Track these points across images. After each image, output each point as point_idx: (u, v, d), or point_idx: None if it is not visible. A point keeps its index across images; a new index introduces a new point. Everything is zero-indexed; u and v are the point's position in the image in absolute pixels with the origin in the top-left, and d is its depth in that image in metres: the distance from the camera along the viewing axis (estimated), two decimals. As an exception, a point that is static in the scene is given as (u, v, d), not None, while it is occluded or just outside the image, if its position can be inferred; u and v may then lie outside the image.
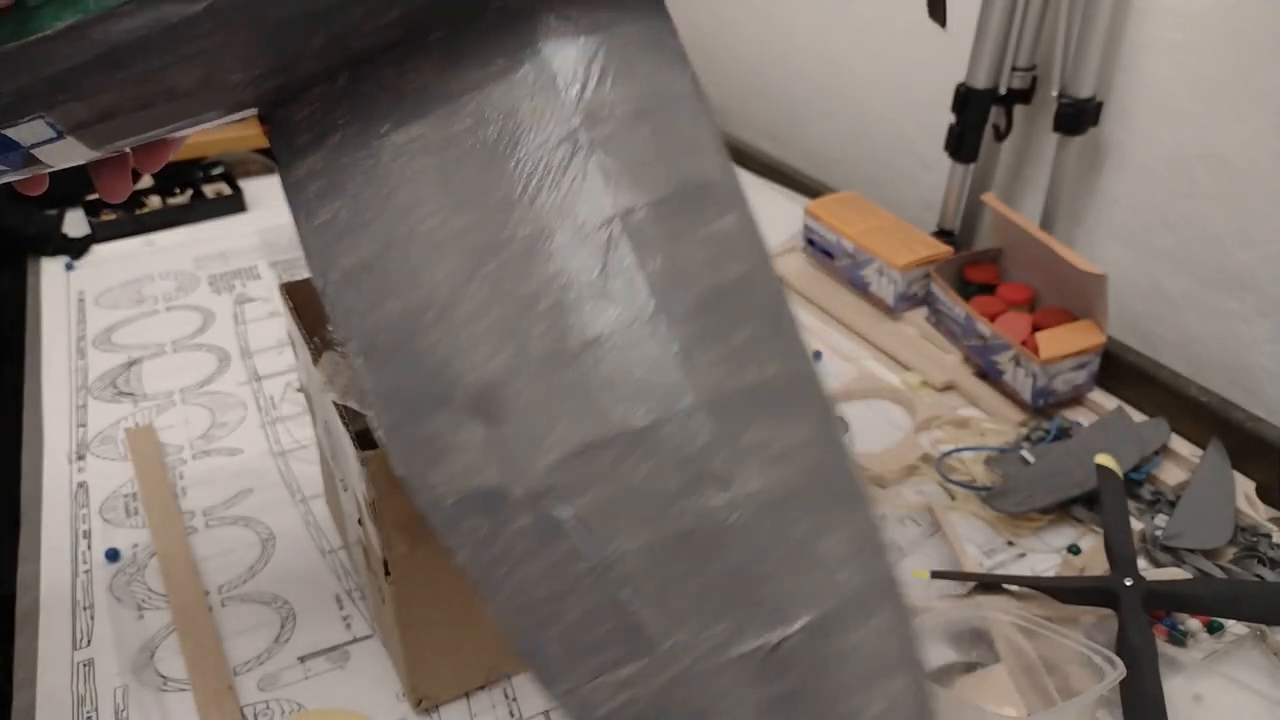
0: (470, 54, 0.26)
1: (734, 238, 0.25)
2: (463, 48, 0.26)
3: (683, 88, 0.26)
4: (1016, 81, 0.68)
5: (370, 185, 0.26)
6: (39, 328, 0.70)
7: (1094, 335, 0.59)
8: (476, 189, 0.25)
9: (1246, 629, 0.45)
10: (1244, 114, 0.56)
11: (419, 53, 0.26)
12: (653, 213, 0.25)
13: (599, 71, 0.25)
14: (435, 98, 0.26)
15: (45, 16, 0.23)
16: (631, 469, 0.23)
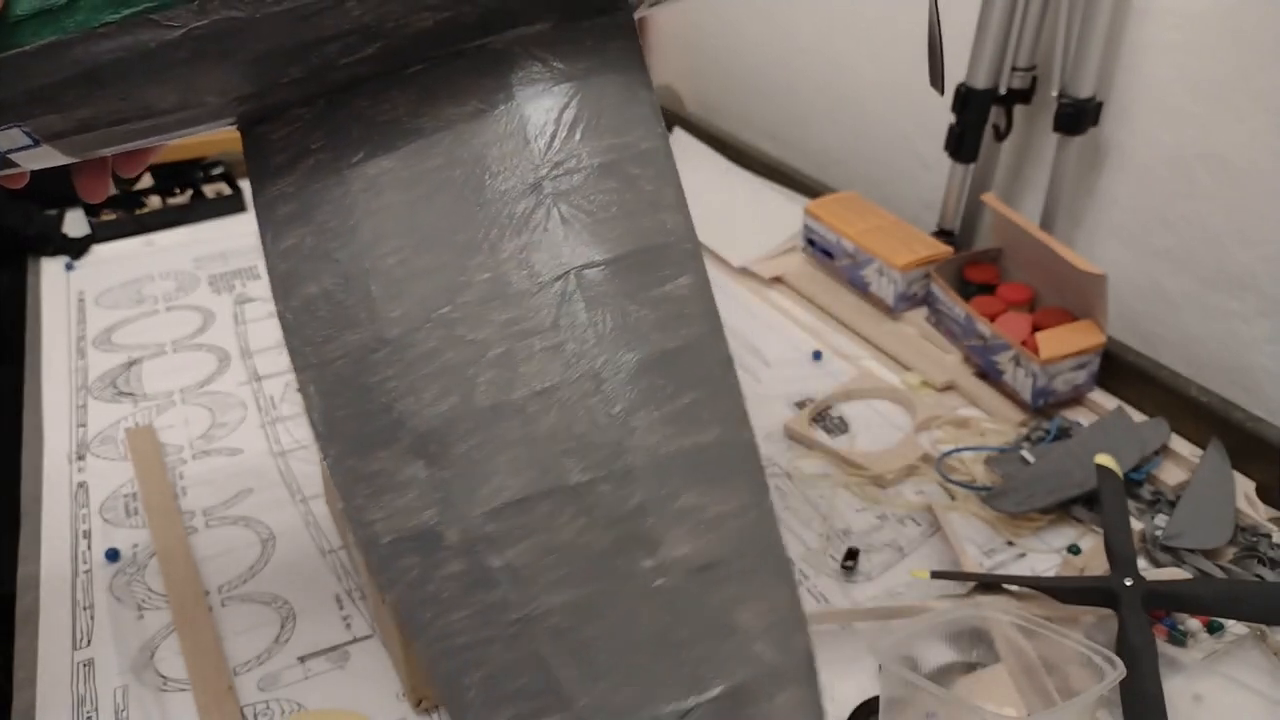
0: (446, 91, 0.26)
1: (686, 300, 0.25)
2: (439, 84, 0.26)
3: (651, 144, 0.26)
4: (1016, 81, 0.68)
5: (337, 215, 0.26)
6: (39, 328, 0.70)
7: (1094, 335, 0.59)
8: (439, 230, 0.25)
9: (1246, 629, 0.45)
10: (1244, 114, 0.56)
11: (396, 85, 0.26)
12: (609, 270, 0.25)
13: (570, 121, 0.26)
14: (408, 132, 0.26)
15: (25, 32, 0.23)
16: (565, 524, 0.23)
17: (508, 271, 0.25)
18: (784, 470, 0.56)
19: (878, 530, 0.52)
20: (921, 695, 0.38)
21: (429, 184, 0.25)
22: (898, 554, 0.50)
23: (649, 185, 0.26)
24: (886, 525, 0.52)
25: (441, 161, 0.26)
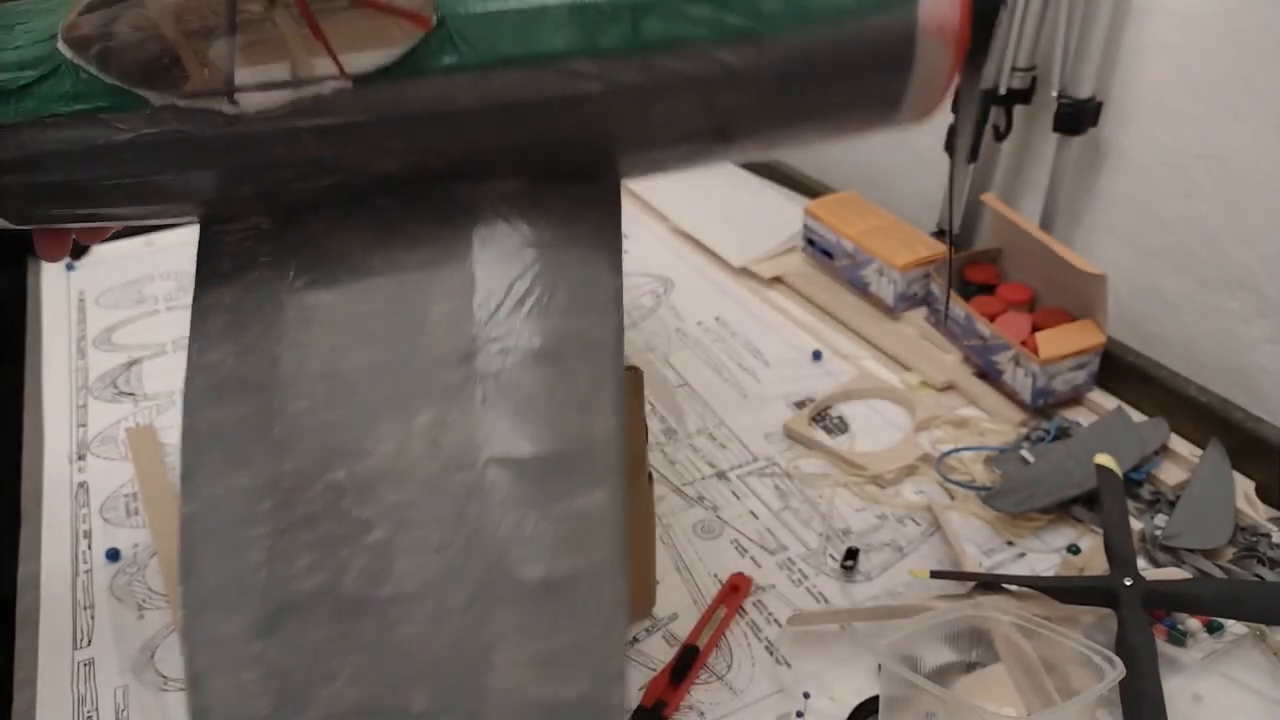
0: (403, 233, 0.25)
1: (593, 521, 0.23)
2: (399, 223, 0.25)
3: (600, 334, 0.25)
4: (1016, 82, 0.68)
5: (265, 340, 0.25)
6: (39, 328, 0.71)
7: (1093, 335, 0.59)
8: (358, 383, 0.24)
9: (1246, 629, 0.45)
10: (1243, 114, 0.56)
11: (356, 213, 0.25)
12: (519, 470, 0.23)
13: (520, 294, 0.24)
14: (356, 268, 0.25)
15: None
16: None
17: (414, 447, 0.23)
18: (784, 470, 0.57)
19: (877, 530, 0.52)
20: (921, 695, 0.38)
21: (361, 330, 0.24)
22: (897, 554, 0.50)
23: (585, 381, 0.24)
24: (886, 525, 0.52)
25: (380, 307, 0.24)
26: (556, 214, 0.26)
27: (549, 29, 0.24)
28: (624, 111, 0.25)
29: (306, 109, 0.23)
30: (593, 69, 0.24)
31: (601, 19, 0.24)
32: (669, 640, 0.45)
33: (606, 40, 0.24)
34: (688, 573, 0.49)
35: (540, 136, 0.25)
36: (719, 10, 0.24)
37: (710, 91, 0.25)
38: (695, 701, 0.43)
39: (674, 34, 0.24)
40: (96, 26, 0.23)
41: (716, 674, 0.44)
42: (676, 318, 0.70)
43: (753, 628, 0.46)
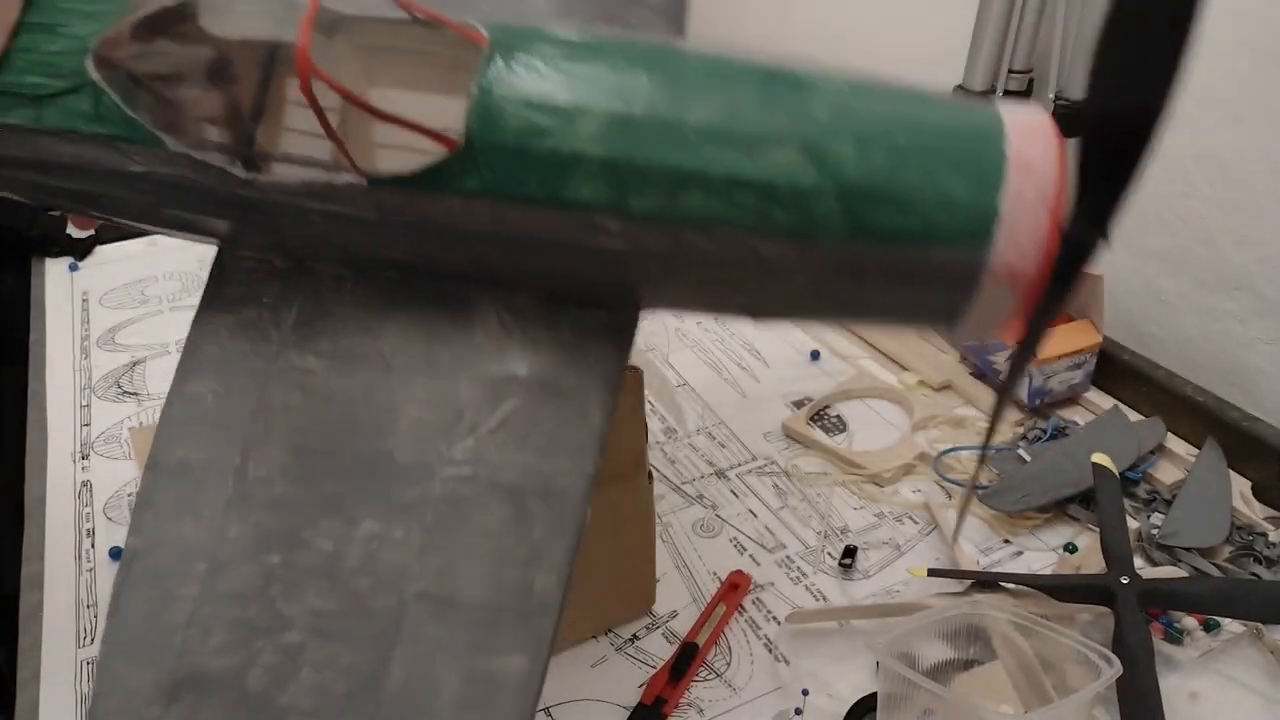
0: (403, 315, 0.24)
1: (507, 688, 0.22)
2: (401, 303, 0.24)
3: (569, 482, 0.23)
4: (1013, 84, 0.68)
5: (245, 391, 0.24)
6: (43, 328, 0.71)
7: (1090, 335, 0.59)
8: (316, 466, 0.23)
9: (1242, 627, 0.45)
10: (1239, 116, 0.57)
11: (365, 284, 0.24)
12: (448, 613, 0.22)
13: (501, 419, 0.23)
14: (348, 339, 0.24)
15: (5, 106, 0.23)
16: None
17: (351, 555, 0.22)
18: (782, 469, 0.57)
19: (875, 528, 0.52)
20: (919, 692, 0.38)
21: (336, 411, 0.23)
22: (895, 552, 0.51)
23: (541, 532, 0.23)
24: (884, 523, 0.53)
25: (359, 394, 0.23)
26: (561, 336, 0.24)
27: (579, 178, 0.22)
28: (646, 272, 0.24)
29: (318, 193, 0.22)
30: (618, 228, 0.22)
31: (637, 180, 0.22)
32: (668, 638, 0.46)
33: (638, 204, 0.22)
34: (687, 571, 0.49)
35: (555, 270, 0.24)
36: (766, 201, 0.22)
37: (741, 277, 0.23)
38: (695, 698, 0.43)
39: (712, 213, 0.22)
40: (129, 55, 0.23)
41: (716, 671, 0.44)
42: (676, 318, 0.70)
43: (752, 625, 0.46)
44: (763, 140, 0.22)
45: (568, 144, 0.22)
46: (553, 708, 0.42)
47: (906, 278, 0.23)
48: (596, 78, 0.22)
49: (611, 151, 0.22)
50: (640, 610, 0.47)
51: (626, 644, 0.45)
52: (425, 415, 0.23)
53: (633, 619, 0.46)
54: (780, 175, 0.22)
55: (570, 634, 0.45)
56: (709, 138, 0.22)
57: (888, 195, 0.22)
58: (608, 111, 0.22)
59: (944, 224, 0.22)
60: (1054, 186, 0.23)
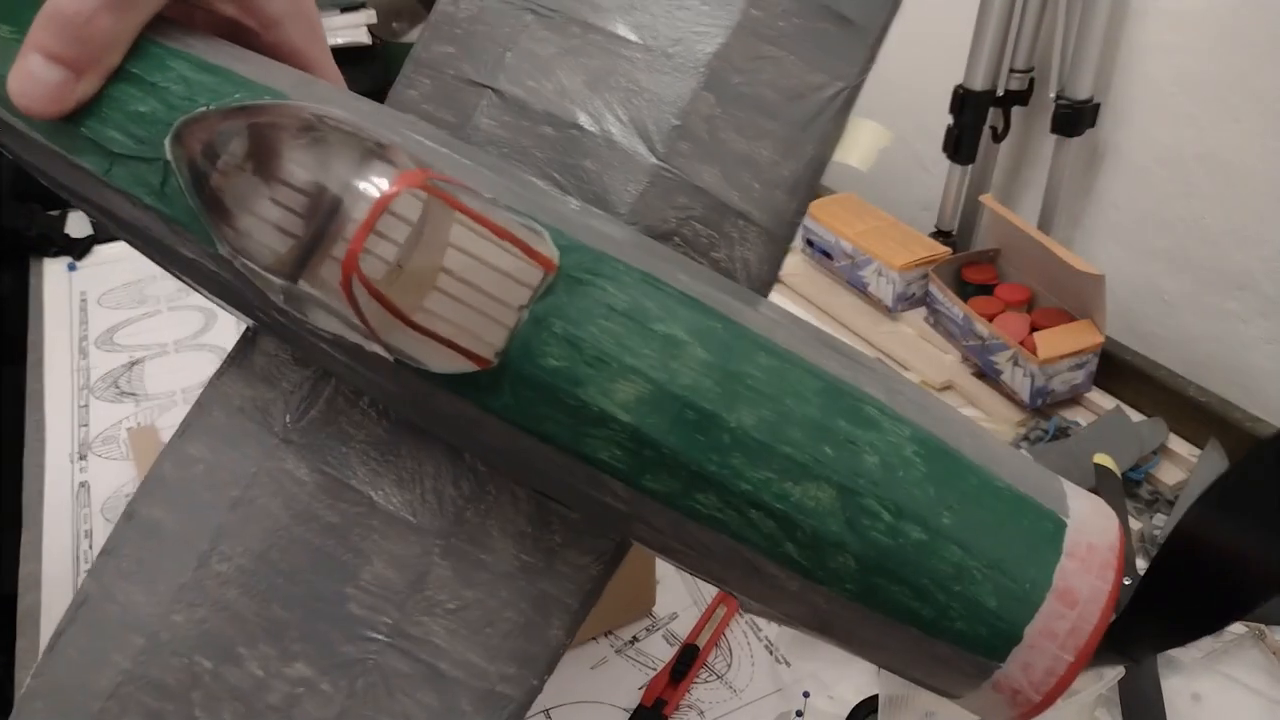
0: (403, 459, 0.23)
1: None
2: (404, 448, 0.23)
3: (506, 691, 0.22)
4: (1014, 83, 0.68)
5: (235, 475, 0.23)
6: (41, 328, 0.71)
7: (1092, 335, 0.59)
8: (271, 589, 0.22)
9: (1245, 628, 0.45)
10: (1241, 114, 0.57)
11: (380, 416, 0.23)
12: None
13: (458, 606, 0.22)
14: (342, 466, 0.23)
15: (81, 147, 0.23)
16: None
17: (274, 690, 0.21)
18: (783, 470, 0.57)
19: (877, 529, 0.52)
20: (920, 694, 0.38)
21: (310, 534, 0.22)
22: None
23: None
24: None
25: (336, 522, 0.22)
26: (550, 541, 0.23)
27: (600, 439, 0.20)
28: (644, 538, 0.22)
29: (345, 347, 0.21)
30: (626, 496, 0.21)
31: (657, 463, 0.20)
32: (669, 639, 0.45)
33: (651, 483, 0.20)
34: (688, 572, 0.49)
35: (560, 495, 0.23)
36: (783, 533, 0.20)
37: (736, 578, 0.22)
38: (695, 700, 0.43)
39: (724, 522, 0.20)
40: (206, 145, 0.21)
41: (716, 673, 0.44)
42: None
43: (752, 627, 0.46)
44: (799, 471, 0.20)
45: (600, 402, 0.20)
46: (552, 710, 0.42)
47: (905, 650, 0.21)
48: (653, 339, 0.20)
49: (641, 424, 0.20)
50: (640, 612, 0.46)
51: (627, 646, 0.45)
52: (390, 574, 0.22)
53: (633, 621, 0.46)
54: (805, 514, 0.20)
55: (570, 635, 0.45)
56: (744, 448, 0.20)
57: (910, 577, 0.20)
58: (651, 381, 0.20)
59: (960, 628, 0.20)
60: (1094, 628, 0.20)
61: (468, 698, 0.22)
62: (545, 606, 0.22)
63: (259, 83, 0.22)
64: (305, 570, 0.22)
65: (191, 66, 0.23)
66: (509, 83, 0.25)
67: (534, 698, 0.22)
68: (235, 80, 0.22)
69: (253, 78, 0.23)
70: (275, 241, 0.21)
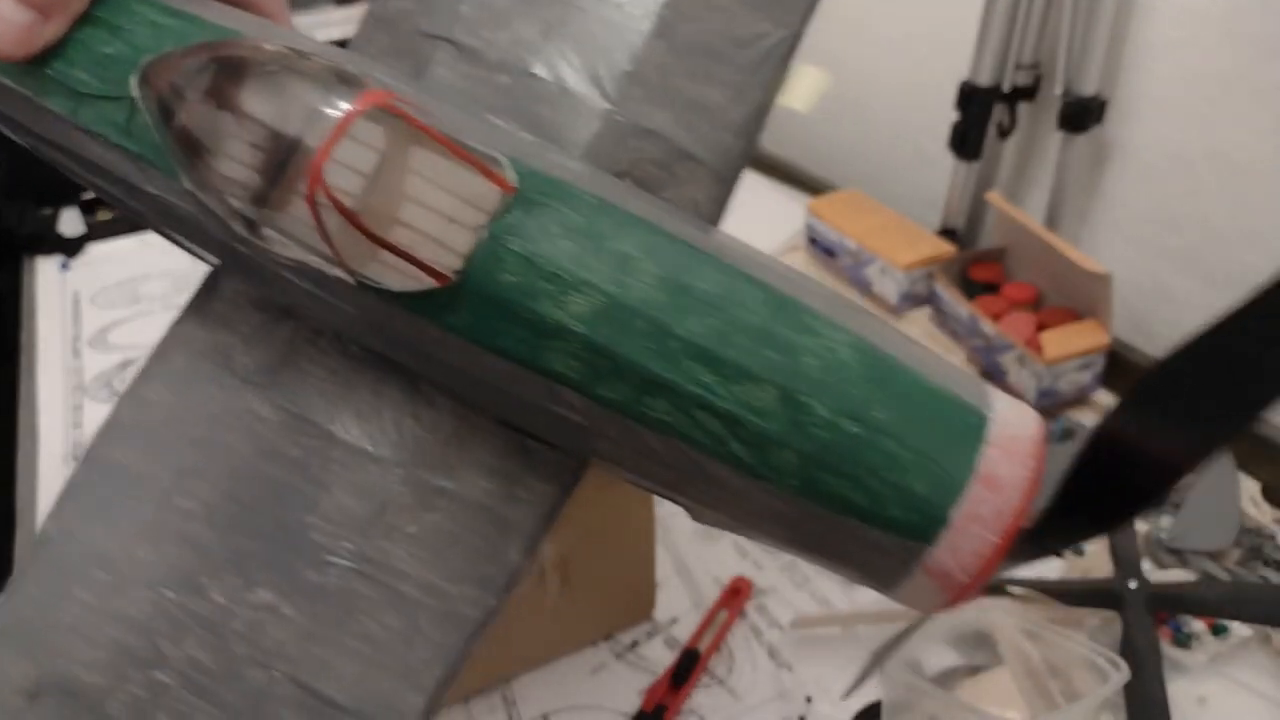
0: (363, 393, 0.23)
1: None
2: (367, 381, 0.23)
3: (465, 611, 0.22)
4: (1020, 79, 0.67)
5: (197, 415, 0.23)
6: (34, 328, 0.70)
7: (1099, 335, 0.59)
8: (235, 520, 0.23)
9: (1252, 631, 0.45)
10: (1249, 111, 0.56)
11: (341, 350, 0.23)
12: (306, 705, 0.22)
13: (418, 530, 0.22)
14: (304, 402, 0.23)
15: (43, 86, 0.23)
16: None
17: (239, 617, 0.22)
18: (785, 471, 0.56)
19: (880, 532, 0.52)
20: (925, 699, 0.38)
21: (271, 468, 0.23)
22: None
23: (423, 651, 0.22)
24: None
25: (299, 456, 0.23)
26: (509, 466, 0.23)
27: (554, 350, 0.21)
28: (602, 450, 0.23)
29: (308, 274, 0.22)
30: (581, 406, 0.22)
31: (610, 371, 0.21)
32: (669, 644, 0.45)
33: (605, 392, 0.22)
34: (688, 576, 0.49)
35: (517, 417, 0.23)
36: (728, 432, 0.21)
37: (686, 485, 0.23)
38: (696, 705, 0.42)
39: (673, 425, 0.21)
40: (172, 82, 0.22)
41: (718, 678, 0.44)
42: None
43: (754, 631, 0.46)
44: (743, 375, 0.21)
45: (555, 315, 0.21)
46: (552, 715, 0.42)
47: (842, 541, 0.22)
48: (606, 255, 0.22)
49: (594, 335, 0.21)
50: (641, 616, 0.46)
51: (627, 650, 0.45)
52: (350, 502, 0.23)
53: (633, 625, 0.46)
54: (749, 414, 0.21)
55: (570, 641, 0.44)
56: (693, 354, 0.21)
57: (847, 468, 0.21)
58: (604, 294, 0.21)
59: (893, 514, 0.21)
60: (1015, 510, 0.21)
61: (428, 618, 0.22)
62: (505, 530, 0.23)
63: (223, 26, 0.23)
64: (268, 503, 0.23)
65: (157, 11, 0.23)
66: (465, 34, 0.26)
67: (493, 618, 0.23)
68: (200, 24, 0.23)
69: (217, 22, 0.23)
70: (239, 170, 0.21)
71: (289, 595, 0.22)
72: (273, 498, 0.23)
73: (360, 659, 0.22)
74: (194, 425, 0.23)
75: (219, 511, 0.23)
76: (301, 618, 0.22)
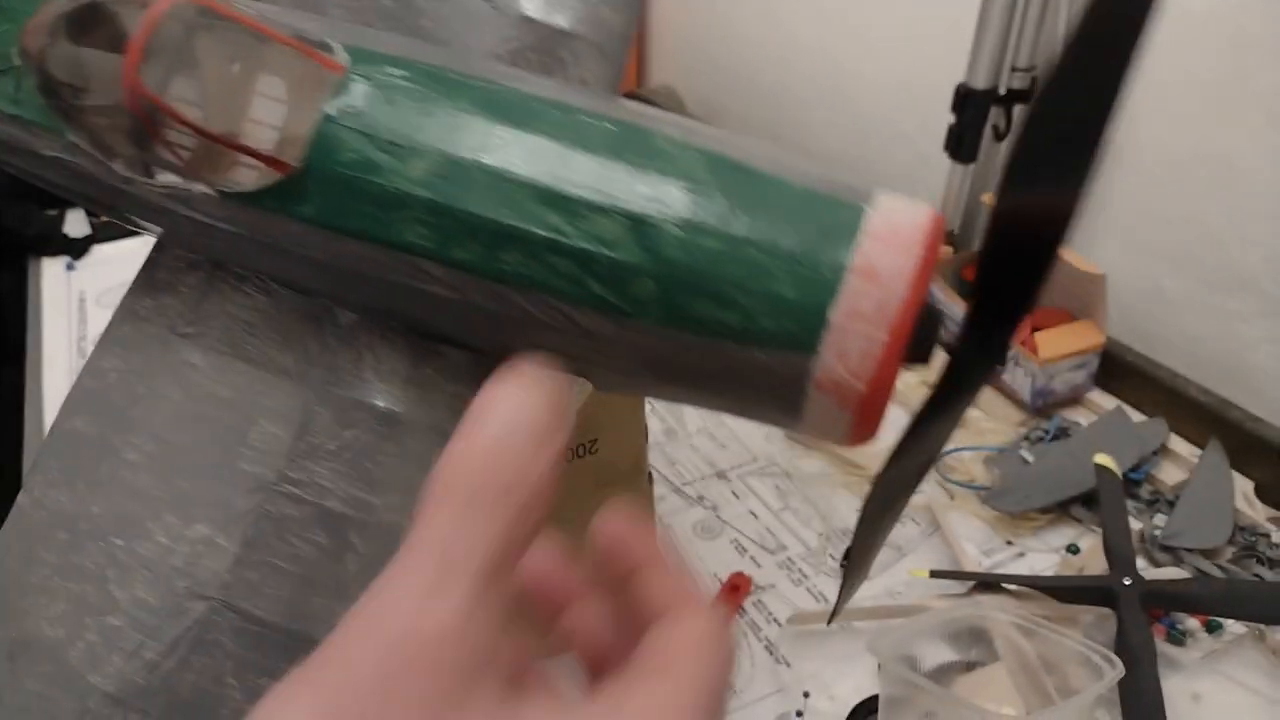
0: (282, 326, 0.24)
1: None
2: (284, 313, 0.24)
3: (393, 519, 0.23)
4: (1016, 82, 0.68)
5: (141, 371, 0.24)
6: (40, 328, 0.71)
7: (1093, 335, 0.59)
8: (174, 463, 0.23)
9: (1245, 628, 0.45)
10: (1244, 114, 0.57)
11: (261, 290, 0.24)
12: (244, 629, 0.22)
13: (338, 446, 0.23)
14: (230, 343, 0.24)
15: None
16: None
17: (178, 553, 0.22)
18: (784, 470, 0.57)
19: (877, 530, 0.52)
20: (921, 694, 0.38)
21: (204, 409, 0.23)
22: (897, 553, 0.51)
23: (353, 565, 0.23)
24: (886, 525, 0.52)
25: (227, 395, 0.23)
26: (422, 373, 0.23)
27: (404, 220, 0.21)
28: (478, 326, 0.23)
29: (181, 198, 0.23)
30: (442, 275, 0.22)
31: (459, 231, 0.21)
32: (669, 640, 0.45)
33: (460, 254, 0.21)
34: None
35: (397, 309, 0.23)
36: (583, 272, 0.21)
37: (566, 345, 0.22)
38: (695, 701, 0.43)
39: (530, 275, 0.21)
40: (46, 41, 0.23)
41: (716, 673, 0.44)
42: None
43: (752, 627, 0.46)
44: (589, 207, 0.21)
45: (396, 183, 0.21)
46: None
47: (728, 374, 0.21)
48: (441, 116, 0.22)
49: (437, 196, 0.21)
50: (640, 612, 0.46)
51: None
52: (277, 430, 0.23)
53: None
54: (600, 247, 0.21)
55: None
56: (535, 196, 0.21)
57: (709, 286, 0.20)
58: (439, 153, 0.21)
59: (766, 326, 0.20)
60: (901, 301, 0.20)
61: (355, 531, 0.23)
62: (423, 436, 0.23)
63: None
64: (204, 443, 0.23)
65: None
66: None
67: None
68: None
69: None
70: (105, 108, 0.22)
71: (223, 526, 0.23)
72: (208, 438, 0.23)
73: (292, 579, 0.22)
74: (139, 384, 0.24)
75: (158, 459, 0.23)
76: (232, 545, 0.22)
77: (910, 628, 0.41)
